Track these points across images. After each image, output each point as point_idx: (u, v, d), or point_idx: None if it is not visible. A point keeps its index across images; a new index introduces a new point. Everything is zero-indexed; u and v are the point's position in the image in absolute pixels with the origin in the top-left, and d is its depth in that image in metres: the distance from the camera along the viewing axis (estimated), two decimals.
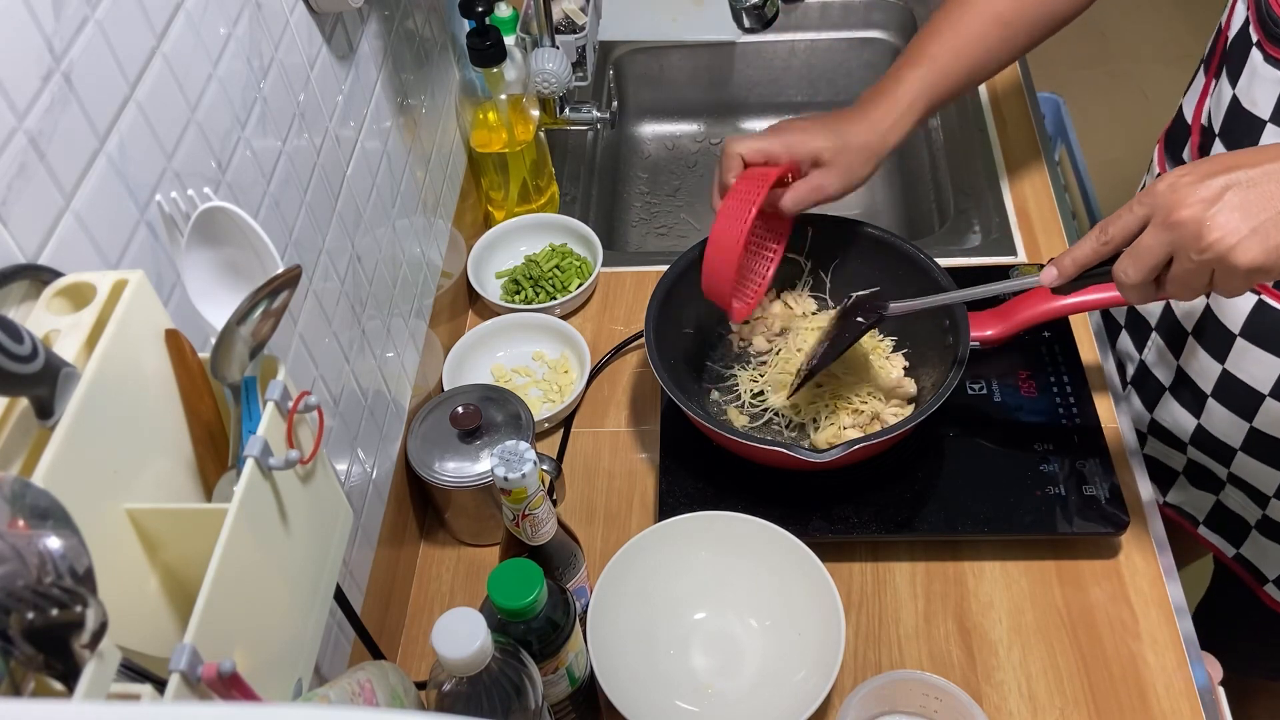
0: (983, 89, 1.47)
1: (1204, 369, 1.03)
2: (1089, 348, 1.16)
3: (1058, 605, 0.98)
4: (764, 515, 0.97)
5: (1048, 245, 1.27)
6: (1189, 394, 1.06)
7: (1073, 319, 1.16)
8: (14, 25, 0.52)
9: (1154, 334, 1.11)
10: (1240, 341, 0.97)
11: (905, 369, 1.12)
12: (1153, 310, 1.10)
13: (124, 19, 0.60)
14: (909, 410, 1.07)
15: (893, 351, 1.13)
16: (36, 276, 0.52)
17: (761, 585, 0.97)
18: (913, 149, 1.55)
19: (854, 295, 1.03)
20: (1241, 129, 0.91)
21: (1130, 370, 1.16)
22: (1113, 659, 0.94)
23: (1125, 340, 1.17)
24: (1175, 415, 1.09)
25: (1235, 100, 0.92)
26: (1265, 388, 0.97)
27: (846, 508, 1.02)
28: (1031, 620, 0.97)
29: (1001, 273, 1.20)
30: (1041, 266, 1.19)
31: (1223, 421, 1.03)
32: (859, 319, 1.00)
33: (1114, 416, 1.10)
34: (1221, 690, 0.94)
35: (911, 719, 0.88)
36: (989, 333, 1.03)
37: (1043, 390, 1.10)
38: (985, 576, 1.00)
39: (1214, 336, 1.01)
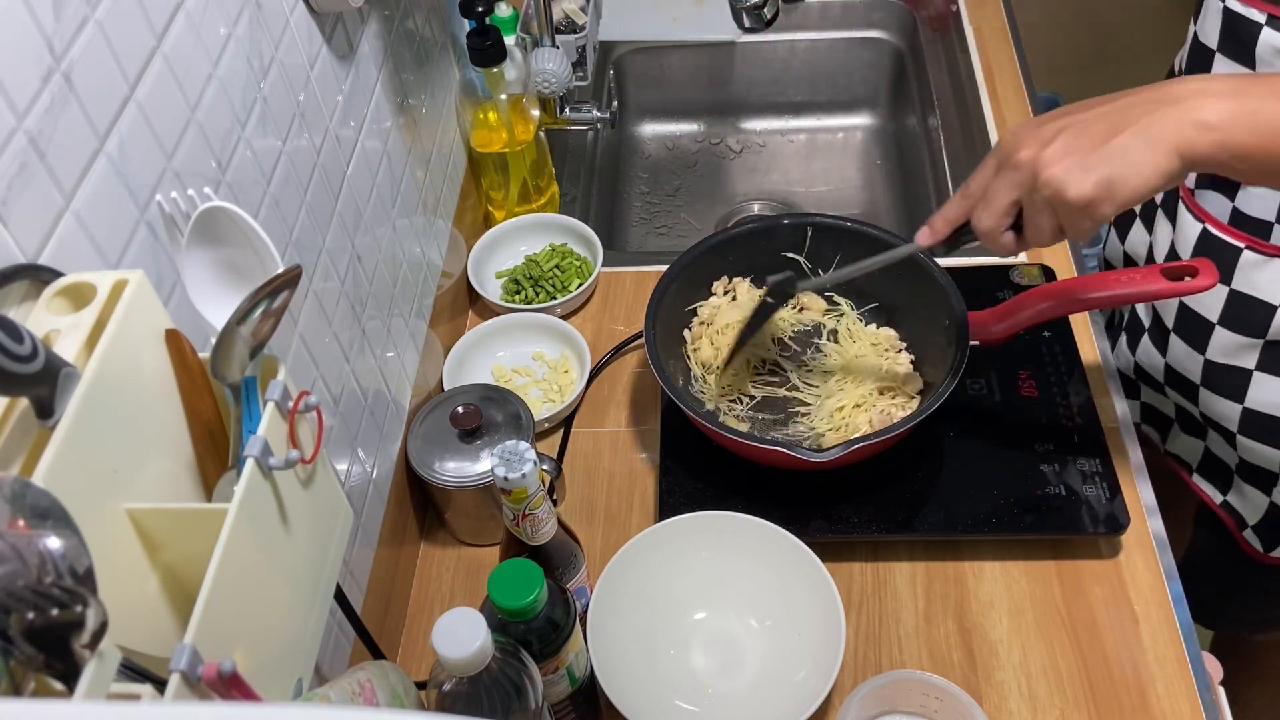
0: (982, 89, 1.47)
1: (1167, 302, 1.06)
2: (1089, 347, 1.16)
3: (1058, 605, 0.98)
4: (764, 515, 0.97)
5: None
6: (1158, 330, 1.10)
7: (1073, 318, 1.16)
8: (14, 25, 0.52)
9: None
10: None
11: (911, 362, 1.12)
12: (1140, 250, 1.13)
13: (124, 19, 0.60)
14: (915, 405, 1.07)
15: (899, 350, 1.13)
16: (36, 276, 0.52)
17: (761, 585, 0.97)
18: (913, 149, 1.55)
19: (769, 280, 1.05)
20: (1198, 63, 0.95)
21: (1126, 315, 1.19)
22: (1113, 659, 0.94)
23: None
24: (1149, 354, 1.12)
25: (1195, 36, 0.96)
26: (1214, 316, 1.01)
27: (846, 508, 1.02)
28: (1031, 620, 0.97)
29: (1001, 272, 1.20)
30: (1041, 266, 1.21)
31: (1182, 355, 1.06)
32: (769, 299, 1.04)
33: (1114, 416, 1.10)
34: (1221, 690, 0.94)
35: (911, 719, 0.88)
36: (989, 332, 1.03)
37: (1043, 390, 1.10)
38: (985, 576, 1.00)
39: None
